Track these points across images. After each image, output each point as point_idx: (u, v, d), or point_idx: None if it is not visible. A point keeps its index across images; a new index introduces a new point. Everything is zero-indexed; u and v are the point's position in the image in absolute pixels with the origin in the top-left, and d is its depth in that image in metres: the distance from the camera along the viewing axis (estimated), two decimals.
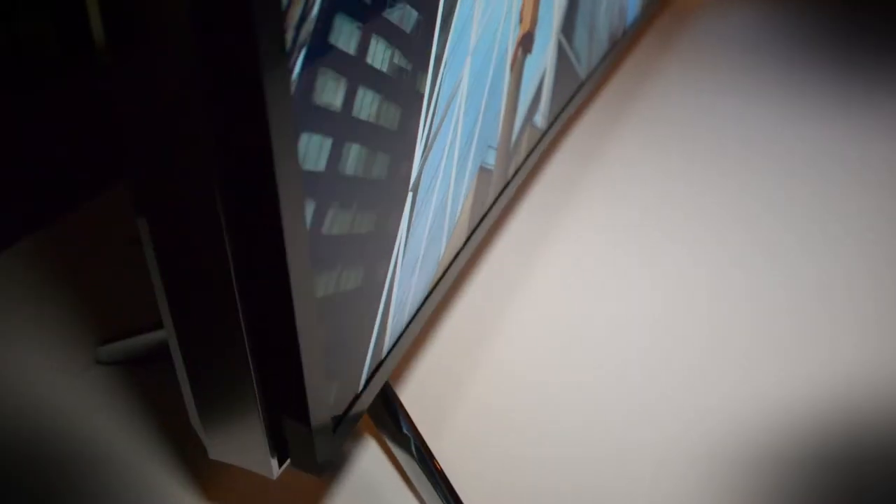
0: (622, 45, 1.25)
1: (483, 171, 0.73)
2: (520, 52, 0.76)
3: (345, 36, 0.42)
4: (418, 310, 0.65)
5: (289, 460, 0.52)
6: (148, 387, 0.78)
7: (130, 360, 0.81)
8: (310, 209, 0.43)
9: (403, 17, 0.48)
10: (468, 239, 0.73)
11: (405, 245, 0.57)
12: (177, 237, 0.42)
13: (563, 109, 0.99)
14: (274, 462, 0.51)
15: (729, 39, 1.56)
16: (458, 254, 0.71)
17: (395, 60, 0.48)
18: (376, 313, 0.56)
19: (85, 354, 0.82)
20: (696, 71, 1.43)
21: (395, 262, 0.56)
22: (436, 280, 0.67)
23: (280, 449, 0.51)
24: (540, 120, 0.90)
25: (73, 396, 0.77)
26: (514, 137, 0.80)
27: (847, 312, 0.86)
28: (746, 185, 1.09)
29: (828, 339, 0.83)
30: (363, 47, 0.44)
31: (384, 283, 0.55)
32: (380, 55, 0.46)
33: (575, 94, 1.03)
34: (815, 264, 0.94)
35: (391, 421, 0.66)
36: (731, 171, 1.12)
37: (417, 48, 0.51)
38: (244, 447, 0.51)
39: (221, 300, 0.43)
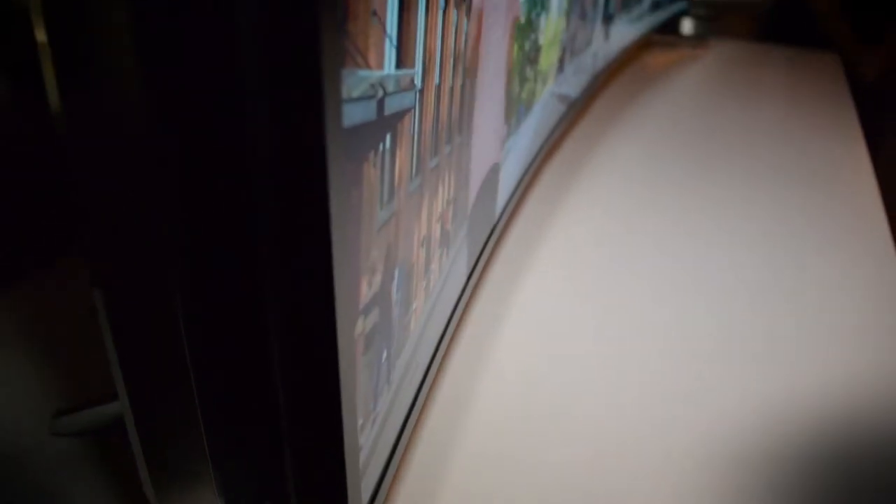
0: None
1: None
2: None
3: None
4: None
5: None
6: (104, 457, 0.78)
7: (86, 431, 0.80)
8: None
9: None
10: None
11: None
12: (133, 312, 0.42)
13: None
14: None
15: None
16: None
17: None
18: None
19: (40, 425, 0.81)
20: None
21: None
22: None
23: None
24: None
25: (27, 468, 0.76)
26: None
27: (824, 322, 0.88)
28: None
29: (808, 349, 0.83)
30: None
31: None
32: None
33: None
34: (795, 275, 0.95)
35: None
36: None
37: None
38: None
39: (177, 380, 0.43)
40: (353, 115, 0.35)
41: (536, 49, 1.06)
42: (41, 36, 0.36)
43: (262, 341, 0.42)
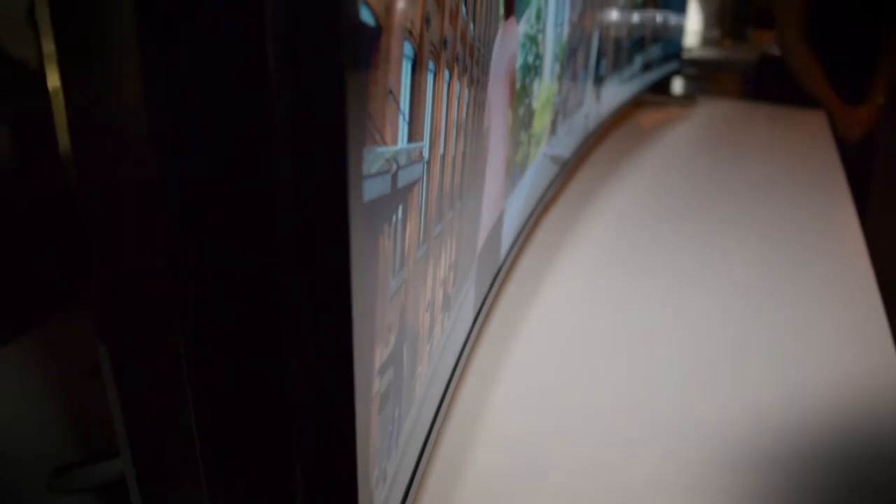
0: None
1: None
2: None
3: None
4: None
5: None
6: None
7: (86, 488, 0.81)
8: None
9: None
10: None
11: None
12: (139, 369, 0.43)
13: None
14: None
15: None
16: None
17: None
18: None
19: (39, 482, 0.81)
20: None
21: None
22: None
23: None
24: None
25: None
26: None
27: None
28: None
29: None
30: None
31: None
32: None
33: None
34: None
35: None
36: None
37: None
38: None
39: (182, 439, 0.45)
40: (373, 190, 0.37)
41: (530, 113, 1.10)
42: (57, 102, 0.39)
43: (276, 405, 0.43)
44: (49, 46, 0.36)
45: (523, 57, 1.00)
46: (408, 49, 0.43)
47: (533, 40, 1.04)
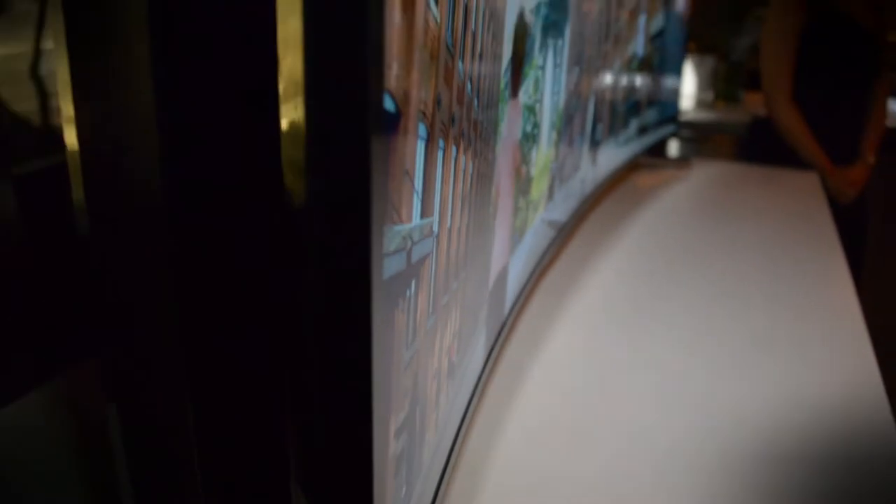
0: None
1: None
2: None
3: None
4: None
5: None
6: None
7: None
8: None
9: None
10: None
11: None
12: (147, 427, 0.45)
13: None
14: None
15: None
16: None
17: None
18: None
19: None
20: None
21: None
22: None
23: None
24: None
25: None
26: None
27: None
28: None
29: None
30: None
31: None
32: None
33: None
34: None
35: None
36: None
37: None
38: None
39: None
40: (391, 267, 0.39)
41: (528, 180, 1.13)
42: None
43: (297, 470, 0.45)
44: (68, 109, 0.39)
45: (522, 127, 1.03)
46: (422, 129, 0.46)
47: (531, 110, 1.08)
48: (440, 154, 0.52)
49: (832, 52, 2.35)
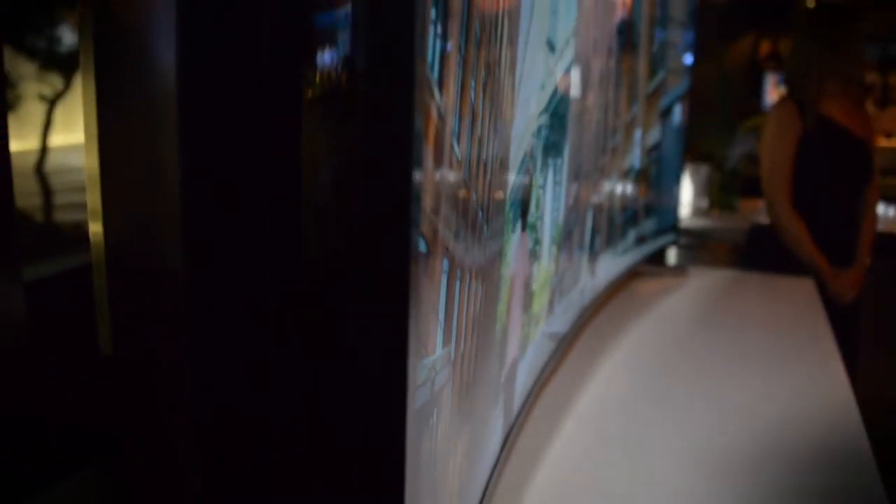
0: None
1: None
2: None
3: None
4: None
5: None
6: None
7: None
8: None
9: None
10: None
11: None
12: None
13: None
14: None
15: None
16: None
17: None
18: None
19: None
20: None
21: None
22: None
23: None
24: None
25: None
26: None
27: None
28: None
29: None
30: None
31: None
32: None
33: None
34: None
35: None
36: None
37: None
38: None
39: None
40: (420, 398, 0.43)
41: (529, 295, 1.17)
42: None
43: None
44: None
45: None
46: (445, 264, 0.51)
47: (532, 227, 1.13)
48: (458, 285, 0.57)
49: (827, 159, 2.46)
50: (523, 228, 0.96)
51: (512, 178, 0.92)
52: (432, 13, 0.45)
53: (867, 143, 2.51)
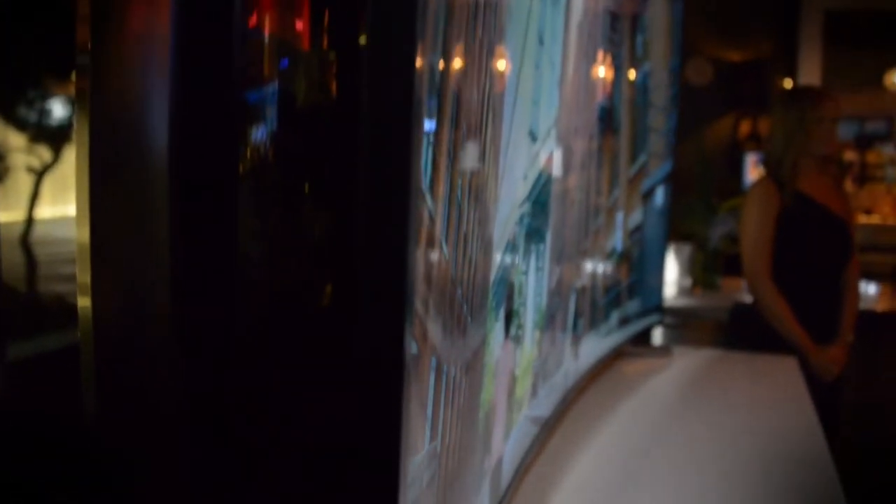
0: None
1: None
2: None
3: None
4: None
5: None
6: None
7: None
8: None
9: None
10: None
11: None
12: None
13: None
14: None
15: None
16: None
17: None
18: None
19: None
20: None
21: None
22: None
23: None
24: None
25: None
26: None
27: None
28: None
29: None
30: None
31: None
32: None
33: None
34: None
35: None
36: None
37: None
38: None
39: None
40: (410, 496, 0.45)
41: (512, 380, 1.20)
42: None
43: None
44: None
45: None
46: (433, 362, 0.53)
47: (515, 313, 1.16)
48: (444, 380, 0.60)
49: (807, 236, 2.52)
50: (507, 317, 0.99)
51: (495, 267, 0.95)
52: (428, 124, 0.49)
53: (846, 220, 2.57)
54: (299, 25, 0.53)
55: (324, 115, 0.50)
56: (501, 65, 0.90)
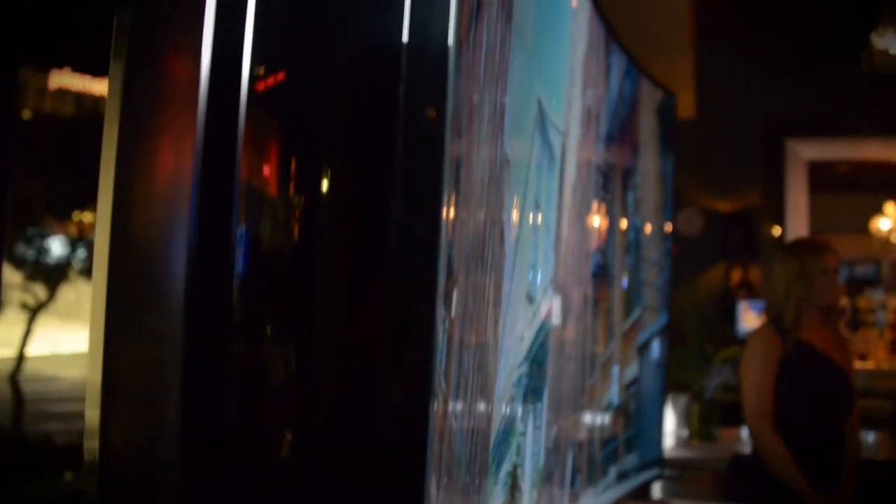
0: None
1: None
2: None
3: None
4: None
5: None
6: None
7: None
8: None
9: None
10: None
11: None
12: None
13: None
14: None
15: None
16: None
17: None
18: None
19: None
20: None
21: None
22: None
23: None
24: None
25: None
26: None
27: None
28: None
29: None
30: None
31: None
32: None
33: None
34: None
35: None
36: None
37: None
38: None
39: None
40: None
41: None
42: None
43: None
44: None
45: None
46: None
47: (510, 475, 1.17)
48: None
49: (808, 385, 2.52)
50: (509, 481, 1.01)
51: (494, 432, 0.97)
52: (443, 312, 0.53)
53: (848, 371, 2.58)
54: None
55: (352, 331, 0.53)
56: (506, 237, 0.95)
